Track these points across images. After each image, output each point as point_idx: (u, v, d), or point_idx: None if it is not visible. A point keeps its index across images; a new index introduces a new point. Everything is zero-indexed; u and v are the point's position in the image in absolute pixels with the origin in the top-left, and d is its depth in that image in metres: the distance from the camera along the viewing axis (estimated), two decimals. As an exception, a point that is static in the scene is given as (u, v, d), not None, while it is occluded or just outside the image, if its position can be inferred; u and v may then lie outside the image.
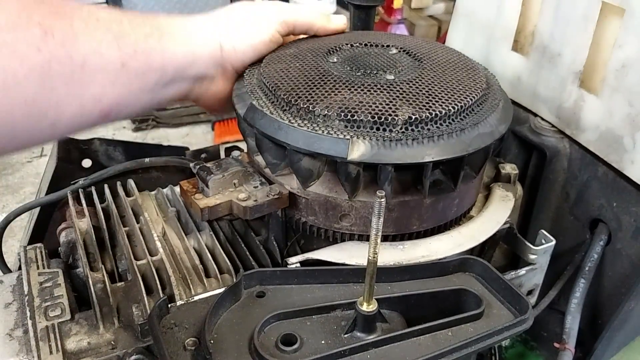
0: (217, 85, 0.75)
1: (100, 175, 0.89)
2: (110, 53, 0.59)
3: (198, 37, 0.70)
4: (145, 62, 0.63)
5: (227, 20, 0.73)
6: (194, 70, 0.70)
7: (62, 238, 0.80)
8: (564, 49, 0.85)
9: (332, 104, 0.64)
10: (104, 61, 0.59)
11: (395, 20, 3.09)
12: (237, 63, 0.74)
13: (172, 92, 0.69)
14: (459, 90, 0.68)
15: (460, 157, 0.64)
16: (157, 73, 0.65)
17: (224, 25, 0.73)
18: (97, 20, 0.59)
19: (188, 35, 0.69)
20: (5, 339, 0.65)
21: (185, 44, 0.68)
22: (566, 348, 0.77)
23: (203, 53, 0.70)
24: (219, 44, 0.71)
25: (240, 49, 0.73)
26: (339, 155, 0.62)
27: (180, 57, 0.67)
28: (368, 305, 0.54)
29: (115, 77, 0.60)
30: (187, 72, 0.69)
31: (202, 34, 0.70)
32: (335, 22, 0.83)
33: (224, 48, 0.71)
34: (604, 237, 0.83)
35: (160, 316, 0.57)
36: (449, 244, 0.70)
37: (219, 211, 0.69)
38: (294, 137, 0.64)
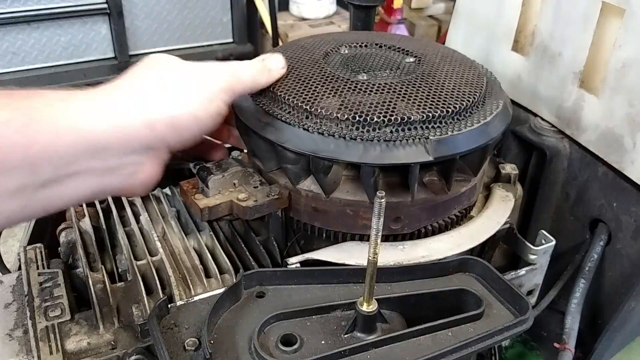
0: (145, 172, 0.58)
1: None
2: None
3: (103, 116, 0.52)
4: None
5: (154, 88, 0.56)
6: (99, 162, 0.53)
7: (62, 238, 0.80)
8: (564, 49, 0.85)
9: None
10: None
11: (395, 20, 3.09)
12: (174, 141, 0.58)
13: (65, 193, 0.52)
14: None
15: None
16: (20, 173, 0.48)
17: (152, 95, 0.55)
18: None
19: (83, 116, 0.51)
20: (5, 339, 0.65)
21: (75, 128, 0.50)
22: (566, 348, 0.77)
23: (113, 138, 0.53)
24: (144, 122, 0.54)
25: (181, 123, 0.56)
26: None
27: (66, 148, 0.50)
28: (368, 305, 0.54)
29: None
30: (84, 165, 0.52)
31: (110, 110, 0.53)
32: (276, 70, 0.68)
33: (156, 126, 0.55)
34: (604, 237, 0.83)
35: (160, 316, 0.57)
36: (449, 244, 0.70)
37: (219, 211, 0.69)
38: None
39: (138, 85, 0.56)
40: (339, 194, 0.67)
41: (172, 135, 0.57)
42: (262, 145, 0.69)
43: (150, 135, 0.55)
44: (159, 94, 0.56)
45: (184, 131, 0.57)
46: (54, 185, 0.51)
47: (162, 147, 0.58)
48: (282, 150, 0.65)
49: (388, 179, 0.67)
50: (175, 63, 0.60)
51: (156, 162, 0.58)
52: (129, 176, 0.57)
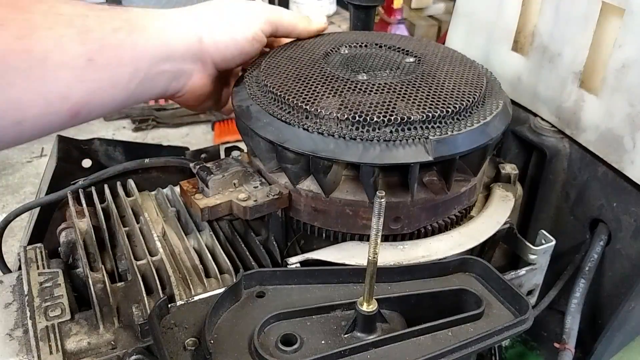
0: (195, 80, 0.72)
1: (100, 175, 0.89)
2: (74, 48, 0.56)
3: (174, 30, 0.67)
4: (114, 57, 0.60)
5: (208, 13, 0.71)
6: (169, 65, 0.67)
7: (62, 238, 0.80)
8: (564, 49, 0.85)
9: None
10: (68, 57, 0.56)
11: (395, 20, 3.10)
12: (218, 58, 0.71)
13: (149, 88, 0.67)
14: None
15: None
16: (129, 68, 0.62)
17: (205, 18, 0.70)
18: (59, 15, 0.56)
19: (162, 28, 0.66)
20: (5, 339, 0.65)
21: (158, 37, 0.65)
22: (566, 348, 0.77)
23: (179, 46, 0.67)
24: (197, 36, 0.69)
25: (222, 43, 0.70)
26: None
27: (153, 51, 0.64)
28: (368, 305, 0.54)
29: (82, 74, 0.58)
30: (161, 67, 0.66)
31: (178, 26, 0.68)
32: (317, 23, 0.81)
33: (203, 41, 0.69)
34: (604, 237, 0.83)
35: (160, 316, 0.57)
36: (449, 244, 0.70)
37: (219, 211, 0.69)
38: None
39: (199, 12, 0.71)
40: (338, 193, 0.67)
41: (215, 51, 0.70)
42: (262, 145, 0.69)
43: (199, 47, 0.69)
44: (210, 20, 0.70)
45: (224, 48, 0.71)
46: (145, 82, 0.65)
47: (208, 61, 0.71)
48: (282, 150, 0.65)
49: (388, 179, 0.67)
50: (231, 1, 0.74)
51: (203, 74, 0.72)
52: (185, 81, 0.71)
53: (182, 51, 0.67)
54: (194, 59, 0.70)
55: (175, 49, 0.67)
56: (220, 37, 0.70)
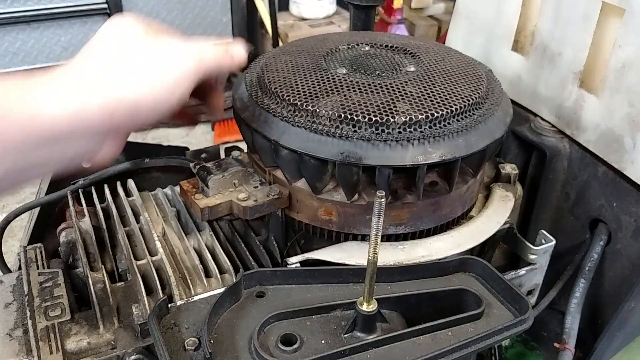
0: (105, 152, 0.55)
1: (100, 175, 0.89)
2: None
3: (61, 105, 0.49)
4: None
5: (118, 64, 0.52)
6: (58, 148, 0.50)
7: (62, 238, 0.80)
8: (564, 49, 0.85)
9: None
10: None
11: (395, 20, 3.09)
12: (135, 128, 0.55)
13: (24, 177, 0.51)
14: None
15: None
16: None
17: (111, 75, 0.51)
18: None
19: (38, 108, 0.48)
20: (5, 339, 0.65)
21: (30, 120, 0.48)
22: (566, 348, 0.77)
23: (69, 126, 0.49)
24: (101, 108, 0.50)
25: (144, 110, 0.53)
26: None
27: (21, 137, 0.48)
28: (368, 305, 0.54)
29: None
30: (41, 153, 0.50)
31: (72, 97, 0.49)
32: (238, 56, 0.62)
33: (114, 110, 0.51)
34: (604, 237, 0.83)
35: (160, 316, 0.57)
36: (449, 244, 0.70)
37: (219, 211, 0.69)
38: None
39: (97, 63, 0.52)
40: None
41: (131, 121, 0.53)
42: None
43: (108, 121, 0.51)
44: (120, 76, 0.52)
45: (143, 116, 0.53)
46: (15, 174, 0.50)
47: (120, 131, 0.55)
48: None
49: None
50: (139, 36, 0.55)
51: (115, 143, 0.56)
52: (89, 157, 0.55)
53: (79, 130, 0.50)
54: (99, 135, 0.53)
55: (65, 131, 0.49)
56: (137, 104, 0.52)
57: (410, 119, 0.62)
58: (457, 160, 0.64)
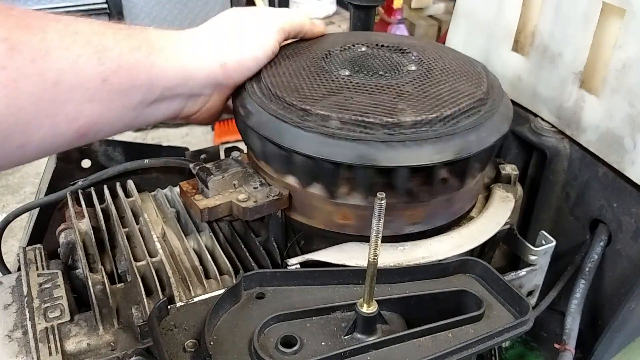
0: (213, 102, 0.71)
1: (99, 175, 0.89)
2: (90, 68, 0.54)
3: (192, 54, 0.65)
4: (130, 78, 0.58)
5: (225, 33, 0.69)
6: (186, 89, 0.66)
7: (62, 239, 0.80)
8: (564, 49, 0.85)
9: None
10: (82, 78, 0.54)
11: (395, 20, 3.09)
12: (240, 79, 0.71)
13: (161, 111, 0.65)
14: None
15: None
16: (143, 90, 0.60)
17: (224, 39, 0.68)
18: (75, 33, 0.54)
19: (181, 51, 0.64)
20: (4, 340, 0.64)
21: (175, 60, 0.63)
22: (566, 349, 0.77)
23: (198, 71, 0.65)
24: (219, 62, 0.67)
25: (245, 66, 0.69)
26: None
27: (171, 74, 0.63)
28: (368, 306, 0.54)
29: (94, 94, 0.56)
30: (177, 90, 0.64)
31: (196, 51, 0.65)
32: (319, 26, 0.82)
33: (227, 66, 0.67)
34: (604, 237, 0.83)
35: (160, 317, 0.57)
36: (449, 245, 0.69)
37: (219, 212, 0.69)
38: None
39: (215, 33, 0.69)
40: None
41: (238, 74, 0.69)
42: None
43: (222, 73, 0.68)
44: (229, 42, 0.68)
45: (246, 70, 0.70)
46: (157, 104, 0.63)
47: (229, 84, 0.70)
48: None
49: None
50: (241, 14, 0.72)
51: (221, 97, 0.71)
52: (201, 104, 0.70)
53: (202, 77, 0.66)
54: (213, 85, 0.68)
55: (194, 75, 0.65)
56: (244, 60, 0.69)
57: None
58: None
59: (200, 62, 0.65)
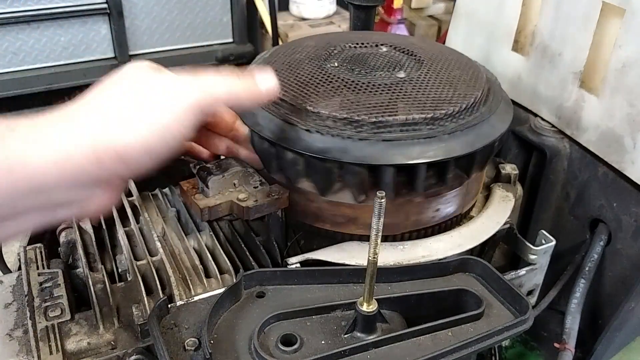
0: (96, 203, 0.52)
1: (100, 175, 0.89)
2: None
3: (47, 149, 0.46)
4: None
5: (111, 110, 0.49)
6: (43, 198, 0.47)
7: (62, 238, 0.80)
8: (564, 49, 0.85)
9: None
10: None
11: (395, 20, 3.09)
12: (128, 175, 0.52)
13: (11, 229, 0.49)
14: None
15: (468, 155, 0.64)
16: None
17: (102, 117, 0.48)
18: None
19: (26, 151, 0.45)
20: (5, 339, 0.65)
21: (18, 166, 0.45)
22: (566, 348, 0.77)
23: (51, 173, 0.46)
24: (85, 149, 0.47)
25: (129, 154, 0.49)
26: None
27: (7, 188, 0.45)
28: (368, 305, 0.54)
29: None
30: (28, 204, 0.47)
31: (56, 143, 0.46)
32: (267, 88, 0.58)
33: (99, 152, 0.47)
34: (604, 237, 0.83)
35: (160, 316, 0.57)
36: (449, 244, 0.70)
37: (219, 211, 0.69)
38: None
39: (90, 109, 0.50)
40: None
41: (121, 167, 0.49)
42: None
43: (96, 168, 0.48)
44: (109, 121, 0.49)
45: (133, 162, 0.50)
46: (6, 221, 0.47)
47: (112, 179, 0.51)
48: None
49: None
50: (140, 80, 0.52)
51: (109, 192, 0.52)
52: (79, 208, 0.51)
53: (65, 178, 0.47)
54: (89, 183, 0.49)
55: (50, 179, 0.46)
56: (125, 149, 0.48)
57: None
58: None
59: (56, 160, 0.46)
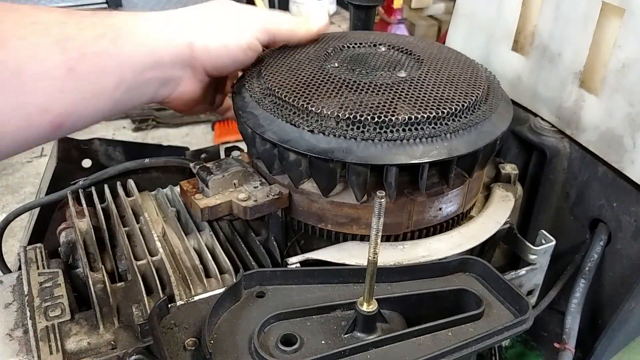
0: (185, 87, 0.69)
1: (100, 175, 0.89)
2: (52, 57, 0.54)
3: (161, 35, 0.64)
4: (97, 65, 0.58)
5: (200, 17, 0.68)
6: (156, 72, 0.64)
7: (62, 238, 0.80)
8: (564, 49, 0.85)
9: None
10: (45, 67, 0.54)
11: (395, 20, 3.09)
12: (209, 65, 0.68)
13: (135, 96, 0.64)
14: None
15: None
16: (113, 77, 0.60)
17: (196, 22, 0.67)
18: (33, 23, 0.54)
19: (148, 34, 0.63)
20: (5, 339, 0.65)
21: (144, 44, 0.62)
22: (566, 348, 0.77)
23: (166, 53, 0.64)
24: (187, 42, 0.65)
25: (214, 50, 0.67)
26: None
27: (139, 58, 0.62)
28: (368, 305, 0.54)
29: (63, 84, 0.55)
30: (148, 74, 0.63)
31: (166, 31, 0.64)
32: (317, 25, 0.77)
33: (194, 47, 0.66)
34: (604, 237, 0.83)
35: (160, 316, 0.57)
36: (449, 244, 0.70)
37: (219, 211, 0.69)
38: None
39: (191, 15, 0.68)
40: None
41: (207, 58, 0.67)
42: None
43: (190, 54, 0.66)
44: (202, 24, 0.67)
45: (215, 57, 0.68)
46: (131, 90, 0.63)
47: (199, 68, 0.68)
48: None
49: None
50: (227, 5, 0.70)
51: (193, 80, 0.69)
52: (175, 87, 0.68)
53: (171, 58, 0.65)
54: (183, 66, 0.67)
55: (163, 56, 0.64)
56: (212, 44, 0.67)
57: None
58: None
59: (167, 41, 0.64)
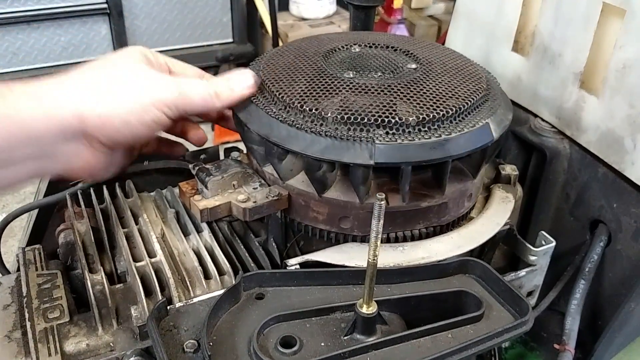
0: (84, 158, 0.61)
1: (99, 176, 0.89)
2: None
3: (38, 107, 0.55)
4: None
5: (98, 85, 0.59)
6: (35, 148, 0.56)
7: (61, 239, 0.80)
8: (564, 50, 0.85)
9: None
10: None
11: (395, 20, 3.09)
12: (104, 138, 0.60)
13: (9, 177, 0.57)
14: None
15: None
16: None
17: (93, 89, 0.58)
18: None
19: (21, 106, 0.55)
20: (3, 341, 0.64)
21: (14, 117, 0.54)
22: (566, 349, 0.77)
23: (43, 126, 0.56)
24: (75, 113, 0.57)
25: (110, 124, 0.59)
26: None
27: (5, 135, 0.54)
28: (368, 307, 0.54)
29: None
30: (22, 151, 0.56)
31: (46, 100, 0.56)
32: (239, 87, 0.67)
33: (85, 118, 0.57)
34: (604, 238, 0.83)
35: (159, 318, 0.57)
36: (449, 246, 0.69)
37: (218, 212, 0.69)
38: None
39: (82, 79, 0.60)
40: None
41: (102, 133, 0.59)
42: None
43: (80, 127, 0.58)
44: (96, 92, 0.58)
45: (113, 132, 0.60)
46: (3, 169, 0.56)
47: (94, 140, 0.60)
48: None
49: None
50: (130, 66, 0.62)
51: (94, 152, 0.61)
52: (66, 162, 0.60)
53: (53, 131, 0.56)
54: (74, 139, 0.59)
55: (40, 130, 0.56)
56: (107, 118, 0.58)
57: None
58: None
59: (46, 114, 0.56)
